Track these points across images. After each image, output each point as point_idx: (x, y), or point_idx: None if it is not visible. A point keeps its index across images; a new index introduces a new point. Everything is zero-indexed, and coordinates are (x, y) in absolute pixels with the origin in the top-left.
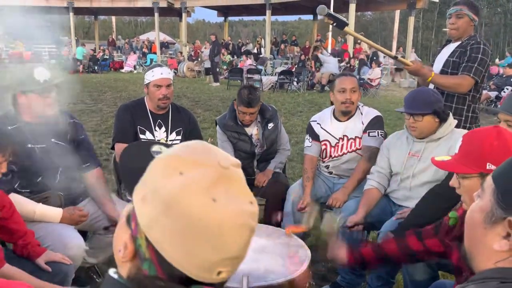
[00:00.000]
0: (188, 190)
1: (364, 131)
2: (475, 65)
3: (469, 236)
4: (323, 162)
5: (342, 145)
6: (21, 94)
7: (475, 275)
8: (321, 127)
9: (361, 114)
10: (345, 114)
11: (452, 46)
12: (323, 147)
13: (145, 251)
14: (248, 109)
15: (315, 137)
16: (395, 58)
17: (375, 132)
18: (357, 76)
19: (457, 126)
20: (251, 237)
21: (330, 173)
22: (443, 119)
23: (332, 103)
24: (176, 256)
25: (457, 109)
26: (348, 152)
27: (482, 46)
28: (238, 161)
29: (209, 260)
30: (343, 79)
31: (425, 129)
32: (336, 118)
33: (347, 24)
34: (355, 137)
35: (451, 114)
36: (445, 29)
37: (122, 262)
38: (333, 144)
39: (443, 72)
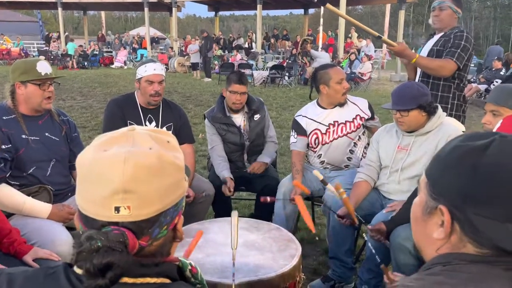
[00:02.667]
0: (89, 149)
1: (372, 118)
2: (458, 50)
3: (415, 229)
4: (315, 152)
5: (333, 130)
6: (21, 84)
7: (424, 264)
8: (308, 118)
9: (347, 100)
10: (342, 104)
11: (436, 37)
12: (314, 136)
13: None
14: (239, 87)
15: (301, 132)
16: (379, 38)
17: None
18: (348, 71)
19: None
20: (139, 173)
21: (322, 162)
22: (430, 113)
23: (311, 98)
24: (79, 202)
25: (443, 97)
26: (339, 136)
27: (465, 34)
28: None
29: (99, 195)
30: (337, 70)
31: (413, 123)
32: (320, 107)
33: (328, 1)
34: (346, 121)
35: (439, 107)
36: (429, 21)
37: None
38: (323, 131)
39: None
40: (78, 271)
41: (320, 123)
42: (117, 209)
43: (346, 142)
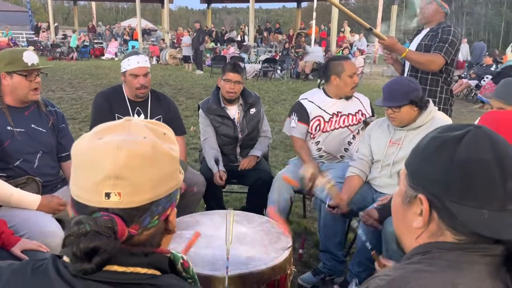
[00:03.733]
0: (85, 137)
1: (373, 115)
2: (446, 45)
3: (395, 220)
4: (313, 138)
5: (336, 120)
6: (6, 75)
7: (405, 255)
8: (315, 104)
9: (353, 95)
10: (348, 98)
11: (423, 32)
12: (316, 122)
13: None
14: (234, 75)
15: (304, 118)
16: (370, 30)
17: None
18: None
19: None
20: (131, 160)
21: (319, 149)
22: (421, 107)
23: (319, 86)
24: (73, 189)
25: (431, 90)
26: (341, 127)
27: (452, 29)
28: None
29: (91, 181)
30: (352, 64)
31: (405, 119)
32: (327, 95)
33: None
34: (348, 113)
35: (431, 101)
36: (418, 17)
37: None
38: (326, 120)
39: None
40: (67, 259)
41: (324, 110)
42: (107, 195)
43: (346, 133)
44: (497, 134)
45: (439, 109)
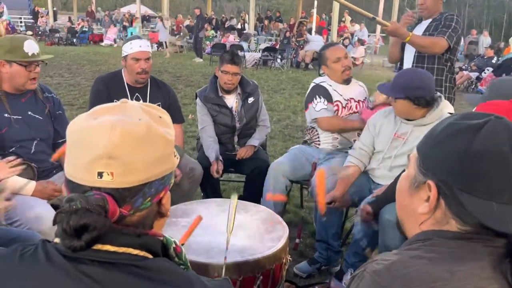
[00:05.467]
0: (80, 117)
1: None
2: (449, 30)
3: (399, 203)
4: None
5: (351, 106)
6: (6, 63)
7: (405, 241)
8: (333, 89)
9: (355, 80)
10: (347, 81)
11: (424, 24)
12: (335, 107)
13: None
14: (232, 67)
15: (330, 99)
16: (373, 19)
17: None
18: None
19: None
20: (125, 140)
21: (336, 139)
22: (423, 106)
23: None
24: (67, 169)
25: (438, 80)
26: (355, 112)
27: (455, 17)
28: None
29: (84, 160)
30: (333, 49)
31: (402, 111)
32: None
33: None
34: (358, 100)
35: (443, 100)
36: (417, 10)
37: None
38: (343, 105)
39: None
40: (58, 240)
41: (341, 95)
42: (100, 174)
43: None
44: None
45: (444, 98)
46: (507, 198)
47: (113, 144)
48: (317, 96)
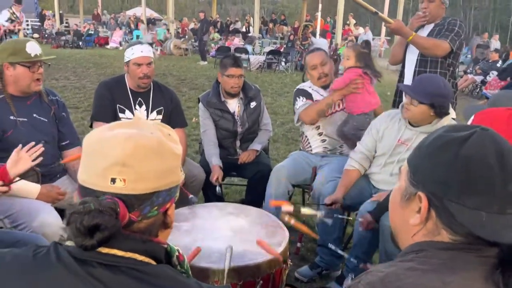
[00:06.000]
0: (97, 129)
1: None
2: (452, 34)
3: (392, 215)
4: (314, 124)
5: (333, 104)
6: (10, 65)
7: (399, 253)
8: (312, 89)
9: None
10: (325, 88)
11: (427, 28)
12: None
13: None
14: (236, 70)
15: (309, 96)
16: (375, 14)
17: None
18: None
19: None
20: (138, 151)
21: (321, 134)
22: (439, 115)
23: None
24: (81, 177)
25: None
26: (337, 111)
27: (458, 21)
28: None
29: (99, 167)
30: (311, 56)
31: (417, 116)
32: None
33: None
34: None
35: (452, 110)
36: (419, 13)
37: None
38: None
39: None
40: (70, 243)
41: (321, 95)
42: (113, 180)
43: (344, 116)
44: (502, 138)
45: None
46: (497, 208)
47: (126, 154)
48: (297, 98)
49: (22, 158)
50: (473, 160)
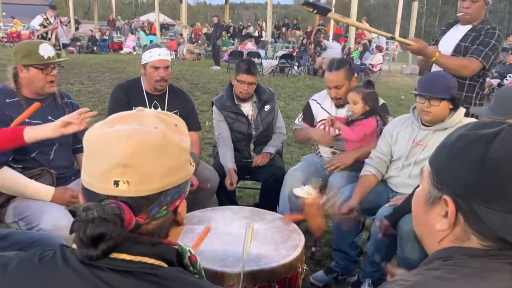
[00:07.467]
0: (96, 126)
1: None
2: (486, 49)
3: (416, 219)
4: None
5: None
6: (23, 68)
7: (425, 260)
8: (320, 107)
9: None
10: (340, 106)
11: (462, 29)
12: (322, 126)
13: None
14: (247, 77)
15: (308, 119)
16: (392, 38)
17: (387, 118)
18: (358, 62)
19: (466, 114)
20: (141, 149)
21: (332, 147)
22: (456, 107)
23: None
24: (84, 177)
25: (467, 97)
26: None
27: (497, 32)
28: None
29: (100, 169)
30: (328, 76)
31: (439, 115)
32: (335, 105)
33: (329, 11)
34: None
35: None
36: (459, 14)
37: None
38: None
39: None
40: (75, 246)
41: (330, 113)
42: (116, 183)
43: None
44: None
45: (472, 116)
46: None
47: (129, 153)
48: (302, 112)
49: (73, 123)
50: (502, 158)
